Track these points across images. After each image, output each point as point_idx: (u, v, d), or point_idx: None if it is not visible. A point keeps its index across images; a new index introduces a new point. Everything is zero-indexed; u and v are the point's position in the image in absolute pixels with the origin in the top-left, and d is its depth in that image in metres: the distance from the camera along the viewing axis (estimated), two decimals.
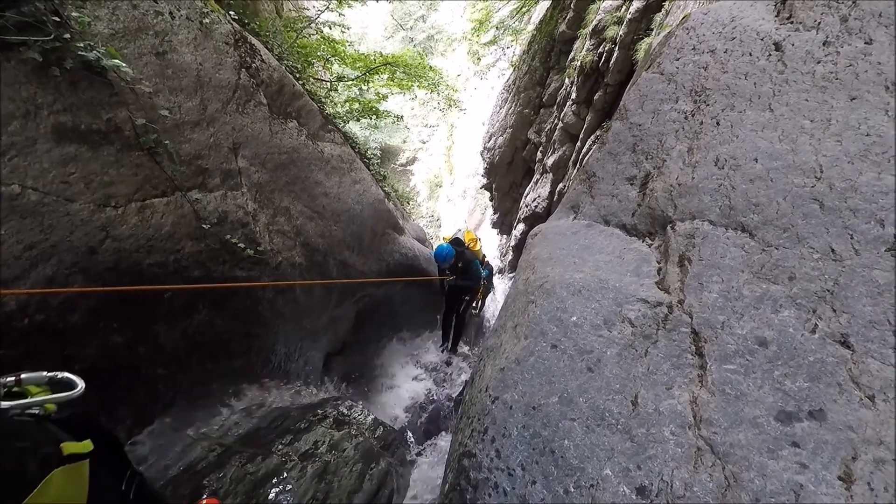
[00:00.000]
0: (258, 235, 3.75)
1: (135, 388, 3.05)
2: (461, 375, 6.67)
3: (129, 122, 2.90)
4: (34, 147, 2.50)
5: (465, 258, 6.14)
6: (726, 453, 1.48)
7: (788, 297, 1.82)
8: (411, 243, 7.57)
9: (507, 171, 11.66)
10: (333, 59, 8.23)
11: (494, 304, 8.97)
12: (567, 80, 8.28)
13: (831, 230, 1.92)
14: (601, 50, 6.86)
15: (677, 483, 1.46)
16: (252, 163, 3.86)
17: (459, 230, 6.31)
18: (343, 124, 7.05)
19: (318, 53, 7.85)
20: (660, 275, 2.26)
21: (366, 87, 9.08)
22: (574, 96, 7.73)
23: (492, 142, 11.77)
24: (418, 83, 9.14)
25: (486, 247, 9.70)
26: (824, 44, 2.47)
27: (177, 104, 3.24)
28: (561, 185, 8.31)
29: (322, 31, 7.89)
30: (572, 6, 8.13)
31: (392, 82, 9.05)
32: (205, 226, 3.28)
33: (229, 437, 3.12)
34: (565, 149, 8.22)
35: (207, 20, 3.59)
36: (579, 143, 7.62)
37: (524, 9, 12.20)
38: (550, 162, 8.65)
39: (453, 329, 7.10)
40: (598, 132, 6.91)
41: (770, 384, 1.61)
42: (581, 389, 1.82)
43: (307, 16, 8.40)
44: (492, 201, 13.44)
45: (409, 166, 25.96)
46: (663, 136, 2.73)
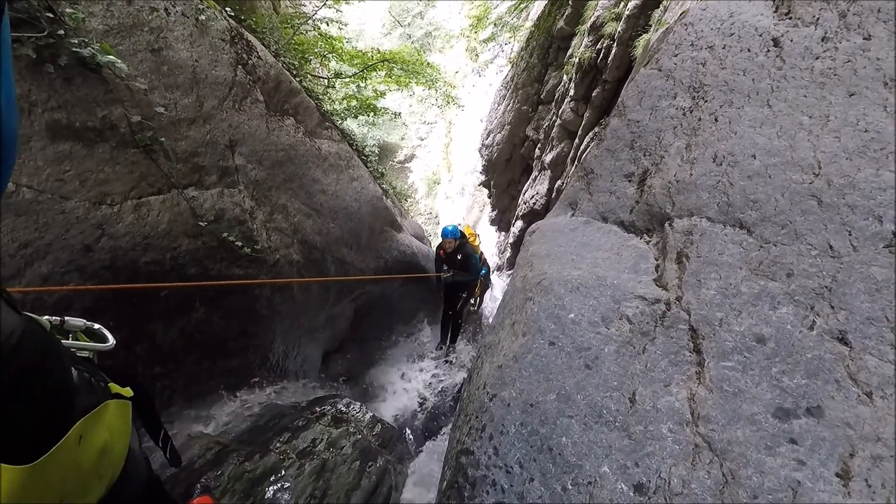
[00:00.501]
0: (255, 233, 3.74)
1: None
2: (459, 372, 6.67)
3: (125, 120, 2.88)
4: (28, 144, 2.48)
5: (465, 252, 6.15)
6: (724, 450, 1.48)
7: (786, 293, 1.81)
8: (409, 240, 7.57)
9: (505, 168, 11.64)
10: (331, 56, 8.20)
11: (493, 302, 8.97)
12: (565, 76, 8.26)
13: (829, 227, 1.91)
14: (599, 46, 6.84)
15: (675, 480, 1.46)
16: (249, 160, 3.85)
17: (458, 225, 6.32)
18: (341, 121, 7.04)
19: (316, 50, 7.82)
20: (658, 272, 2.25)
21: (363, 84, 9.06)
22: (572, 93, 7.71)
23: (490, 139, 11.74)
24: (416, 80, 9.12)
25: (484, 244, 9.70)
26: (823, 39, 2.46)
27: (172, 101, 3.22)
28: (559, 182, 8.30)
29: (319, 28, 7.86)
30: (570, 2, 8.10)
31: (390, 79, 9.02)
32: (202, 223, 3.27)
33: (227, 436, 3.11)
34: (563, 146, 8.21)
35: (203, 16, 3.56)
36: (577, 140, 7.61)
37: (522, 5, 12.17)
38: (549, 159, 8.63)
39: (451, 326, 7.10)
40: (597, 129, 6.90)
41: (768, 381, 1.61)
42: (579, 387, 1.82)
43: (304, 12, 8.36)
44: (490, 198, 13.43)
45: (407, 163, 25.95)
46: (661, 133, 2.72)
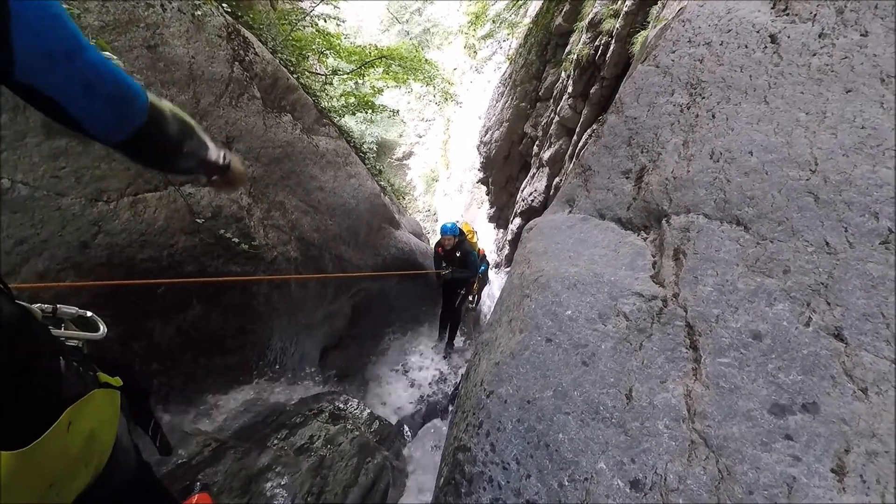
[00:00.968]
0: (253, 230, 3.73)
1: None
2: (458, 369, 6.68)
3: None
4: (24, 141, 2.47)
5: (464, 249, 6.15)
6: (720, 446, 1.49)
7: (783, 290, 1.82)
8: (408, 237, 7.57)
9: (503, 166, 11.63)
10: (328, 53, 8.16)
11: (491, 299, 8.97)
12: (563, 73, 8.24)
13: (826, 223, 1.91)
14: (597, 43, 6.83)
15: (671, 476, 1.46)
16: (246, 157, 3.84)
17: (457, 222, 6.34)
18: (338, 118, 7.02)
19: (313, 47, 7.77)
20: (655, 268, 2.25)
21: (361, 81, 9.03)
22: (570, 90, 7.71)
23: (488, 136, 11.73)
24: (414, 77, 9.08)
25: (482, 241, 9.70)
26: (820, 36, 2.46)
27: (169, 97, 3.20)
28: (557, 180, 8.30)
29: (317, 24, 7.82)
30: None
31: (388, 76, 8.99)
32: (198, 220, 3.26)
33: (225, 432, 3.11)
34: (562, 143, 8.20)
35: (199, 12, 3.54)
36: (576, 137, 7.60)
37: (520, 2, 12.12)
38: (547, 156, 8.63)
39: (450, 323, 7.11)
40: (595, 126, 6.89)
41: (764, 377, 1.61)
42: (575, 383, 1.82)
43: (302, 8, 8.31)
44: (488, 196, 13.43)
45: (405, 160, 25.93)
46: (659, 130, 2.72)
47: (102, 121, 0.81)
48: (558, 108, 8.25)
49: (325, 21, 7.69)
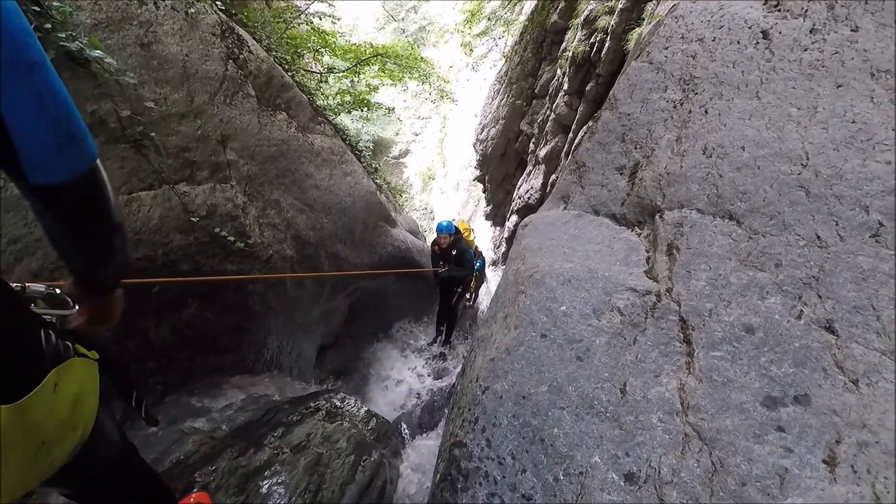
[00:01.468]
0: (248, 228, 3.72)
1: (124, 382, 3.02)
2: (455, 367, 6.69)
3: (115, 115, 2.85)
4: None
5: (461, 247, 6.16)
6: (713, 439, 1.50)
7: (775, 283, 1.83)
8: (404, 235, 7.57)
9: (499, 163, 11.63)
10: (324, 51, 8.14)
11: (488, 297, 8.99)
12: (559, 70, 8.24)
13: (817, 217, 1.93)
14: (593, 40, 6.83)
15: (665, 469, 1.47)
16: (241, 155, 3.83)
17: (453, 220, 6.35)
18: (334, 116, 7.01)
19: (308, 45, 7.76)
20: (648, 263, 2.27)
21: (357, 79, 9.01)
22: (566, 87, 7.70)
23: (484, 133, 11.73)
24: (409, 75, 9.08)
25: (479, 238, 9.71)
26: (811, 31, 2.47)
27: (163, 96, 3.19)
28: (553, 177, 8.29)
29: (312, 22, 7.80)
30: None
31: (383, 74, 8.98)
32: (193, 219, 3.25)
33: (221, 431, 3.11)
34: (558, 140, 8.20)
35: (193, 10, 3.53)
36: (571, 135, 7.60)
37: None
38: (543, 153, 8.63)
39: (447, 321, 7.12)
40: (590, 123, 6.90)
41: (756, 370, 1.63)
42: (570, 378, 1.83)
43: (297, 6, 8.29)
44: (485, 193, 13.41)
45: (401, 159, 25.89)
46: (652, 126, 2.73)
47: (43, 148, 0.76)
48: (554, 106, 8.25)
49: (321, 19, 7.67)
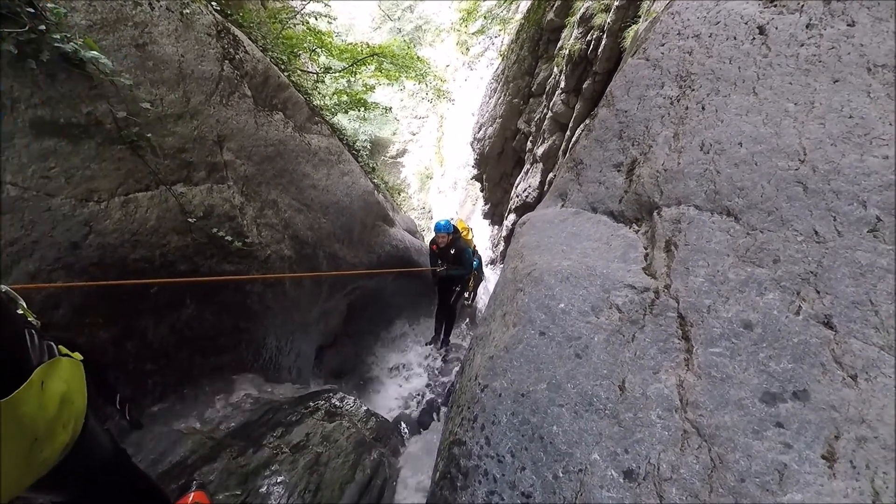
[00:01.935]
0: (246, 229, 3.72)
1: (123, 383, 3.01)
2: (454, 365, 6.69)
3: (110, 116, 2.84)
4: (12, 141, 2.44)
5: (459, 246, 6.15)
6: (712, 435, 1.50)
7: (773, 279, 1.83)
8: (402, 235, 7.56)
9: (497, 162, 11.62)
10: (320, 51, 8.12)
11: (487, 295, 8.98)
12: (556, 69, 8.24)
13: (815, 212, 1.93)
14: (589, 38, 6.82)
15: (664, 465, 1.47)
16: (238, 155, 3.82)
17: (451, 219, 6.34)
18: (331, 116, 6.99)
19: (305, 45, 7.74)
20: (647, 260, 2.26)
21: (353, 79, 8.99)
22: (563, 85, 7.70)
23: (482, 132, 11.73)
24: (406, 74, 9.05)
25: (477, 237, 9.70)
26: (807, 26, 2.47)
27: (158, 97, 3.18)
28: (551, 175, 8.29)
29: (308, 22, 7.78)
30: None
31: (380, 73, 8.96)
32: (191, 220, 3.24)
33: (220, 431, 3.10)
34: (555, 138, 8.20)
35: (188, 10, 3.51)
36: (569, 133, 7.60)
37: None
38: (540, 151, 8.63)
39: (445, 320, 7.12)
40: (588, 121, 6.89)
41: (755, 366, 1.63)
42: (569, 376, 1.83)
43: (292, 6, 8.26)
44: (483, 192, 13.42)
45: (399, 158, 25.85)
46: (649, 122, 2.73)
47: None
48: (551, 104, 8.25)
49: (317, 19, 7.64)
